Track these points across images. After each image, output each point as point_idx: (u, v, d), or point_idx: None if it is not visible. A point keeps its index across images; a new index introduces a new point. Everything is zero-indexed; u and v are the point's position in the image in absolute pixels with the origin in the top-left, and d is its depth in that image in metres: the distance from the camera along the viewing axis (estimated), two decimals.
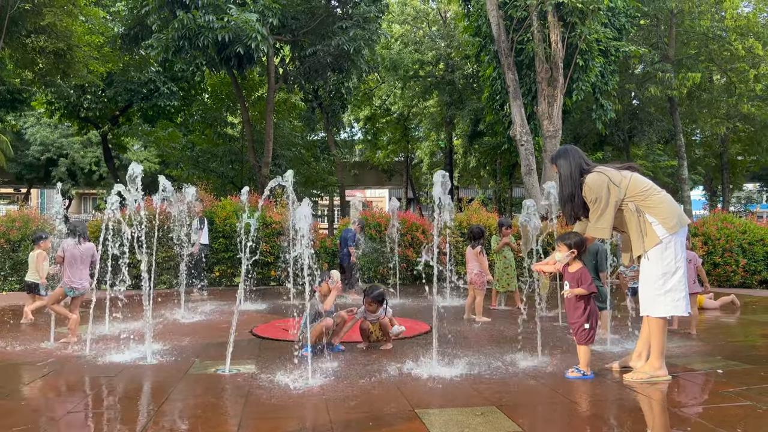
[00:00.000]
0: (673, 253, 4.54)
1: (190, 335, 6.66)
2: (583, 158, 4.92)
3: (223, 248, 11.93)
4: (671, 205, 4.63)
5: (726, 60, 23.69)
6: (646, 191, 4.66)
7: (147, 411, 3.95)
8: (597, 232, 4.72)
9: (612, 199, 4.64)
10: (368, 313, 5.92)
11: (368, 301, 5.89)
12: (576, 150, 4.98)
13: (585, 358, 4.76)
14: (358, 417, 3.74)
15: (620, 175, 4.74)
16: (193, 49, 15.59)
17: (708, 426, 3.47)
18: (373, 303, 5.87)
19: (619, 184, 4.68)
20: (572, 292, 4.78)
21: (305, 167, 26.11)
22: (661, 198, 4.64)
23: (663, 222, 4.54)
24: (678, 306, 4.55)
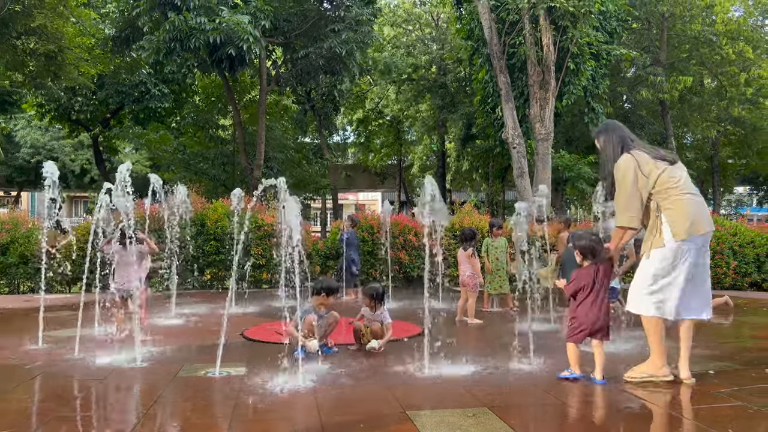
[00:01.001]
0: (672, 259, 4.33)
1: (180, 338, 6.61)
2: (627, 134, 4.65)
3: (215, 251, 11.87)
4: (687, 210, 4.35)
5: (717, 64, 23.87)
6: (670, 190, 4.40)
7: (136, 413, 3.91)
8: (622, 221, 4.48)
9: (636, 188, 4.40)
10: (368, 311, 5.90)
11: (368, 300, 5.90)
12: (617, 126, 4.73)
13: (571, 355, 4.67)
14: (349, 419, 3.71)
15: (653, 165, 4.45)
16: (185, 50, 15.55)
17: (700, 426, 3.47)
18: (372, 300, 5.86)
19: (648, 175, 4.41)
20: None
21: (297, 170, 26.06)
22: (679, 200, 4.37)
23: (672, 226, 4.33)
24: (660, 308, 4.40)
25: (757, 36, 24.73)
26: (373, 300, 5.88)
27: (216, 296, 10.78)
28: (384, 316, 5.92)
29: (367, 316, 5.93)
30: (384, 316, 5.92)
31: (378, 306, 5.90)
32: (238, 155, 22.47)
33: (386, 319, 5.91)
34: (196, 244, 11.61)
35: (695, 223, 4.33)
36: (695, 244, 4.35)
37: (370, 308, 5.91)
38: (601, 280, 4.61)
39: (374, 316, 5.90)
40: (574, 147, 25.88)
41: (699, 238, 4.36)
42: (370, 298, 5.90)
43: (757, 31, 25.17)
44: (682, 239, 4.31)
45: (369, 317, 5.92)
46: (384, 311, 5.95)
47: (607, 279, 4.66)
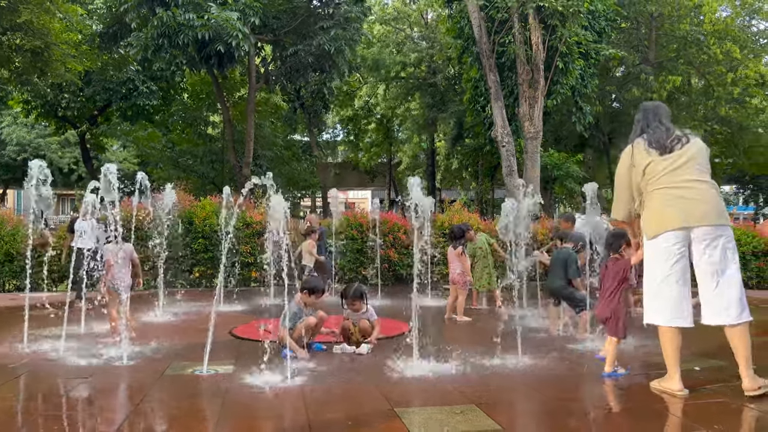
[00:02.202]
0: (652, 260, 4.09)
1: (167, 336, 6.56)
2: (652, 119, 4.29)
3: (203, 249, 11.81)
4: (655, 205, 4.07)
5: (704, 63, 24.04)
6: (649, 184, 4.09)
7: (122, 412, 3.87)
8: (611, 212, 4.40)
9: (626, 178, 4.20)
10: (352, 312, 5.87)
11: (350, 302, 5.83)
12: (648, 109, 4.39)
13: (613, 354, 4.70)
14: (337, 417, 3.70)
15: (645, 154, 4.13)
16: (173, 47, 15.45)
17: (685, 422, 3.50)
18: (355, 301, 5.81)
19: (637, 164, 4.14)
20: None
21: (286, 168, 25.99)
22: (651, 195, 4.10)
23: (643, 225, 4.14)
24: (660, 313, 4.07)
25: (744, 36, 24.93)
26: (355, 301, 5.81)
27: (204, 294, 10.72)
28: (370, 313, 5.90)
29: (352, 318, 5.88)
30: (370, 313, 5.90)
31: (361, 306, 5.85)
32: (227, 153, 22.36)
33: (372, 316, 5.88)
34: (184, 242, 11.55)
35: (665, 218, 3.99)
36: (673, 242, 3.97)
37: (354, 310, 5.85)
38: (610, 275, 4.74)
39: (360, 316, 5.86)
40: (563, 146, 26.01)
41: (673, 234, 3.96)
42: (352, 299, 5.82)
43: (744, 31, 25.37)
44: (652, 237, 4.06)
45: (355, 319, 5.88)
46: (369, 309, 5.92)
47: (619, 275, 4.72)
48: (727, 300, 3.91)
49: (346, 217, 12.97)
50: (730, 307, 3.90)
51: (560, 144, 25.98)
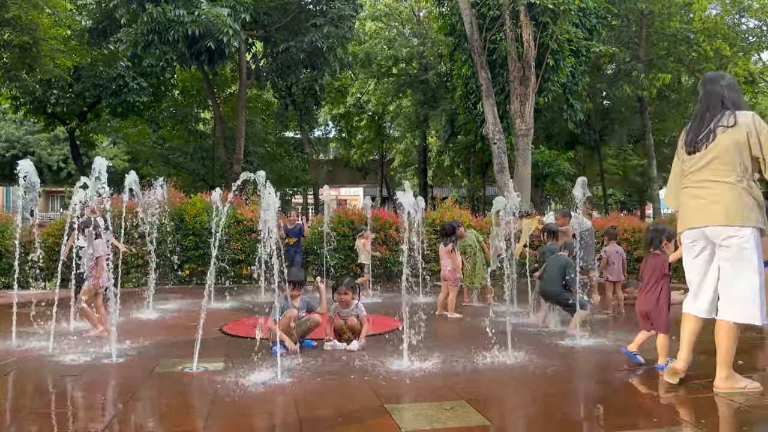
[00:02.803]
0: (684, 253, 4.27)
1: (157, 333, 6.54)
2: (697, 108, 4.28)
3: (193, 246, 11.76)
4: (682, 203, 4.21)
5: (694, 61, 24.17)
6: (684, 179, 4.20)
7: (111, 409, 3.86)
8: (665, 200, 4.53)
9: (677, 169, 4.31)
10: (342, 307, 5.84)
11: (342, 291, 5.79)
12: (701, 93, 4.29)
13: (666, 347, 4.79)
14: (327, 413, 3.70)
15: (681, 150, 4.24)
16: (163, 43, 15.36)
17: (672, 416, 3.52)
18: (347, 291, 5.77)
19: (680, 158, 4.28)
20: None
21: (278, 165, 25.92)
22: (682, 192, 4.23)
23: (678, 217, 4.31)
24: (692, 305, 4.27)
25: (733, 34, 25.07)
26: (347, 291, 5.78)
27: (195, 292, 10.69)
28: (359, 309, 5.88)
29: (341, 314, 5.87)
30: (359, 309, 5.88)
31: (352, 298, 5.82)
32: (218, 149, 22.29)
33: (362, 313, 5.86)
34: (175, 239, 11.51)
35: (685, 217, 4.19)
36: (692, 239, 4.17)
37: (344, 301, 5.83)
38: (648, 270, 4.90)
39: (349, 312, 5.84)
40: (554, 143, 26.09)
41: (691, 232, 4.15)
42: (344, 289, 5.79)
43: (733, 29, 25.52)
44: (679, 233, 4.28)
45: (344, 314, 5.86)
46: (358, 305, 5.90)
47: (658, 270, 4.86)
48: (729, 297, 4.01)
49: (338, 214, 12.96)
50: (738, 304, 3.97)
51: (551, 141, 26.06)
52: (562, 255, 6.64)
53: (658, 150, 29.95)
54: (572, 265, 6.46)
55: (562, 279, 6.41)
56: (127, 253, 9.14)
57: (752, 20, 27.67)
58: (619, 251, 8.33)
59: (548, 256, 6.90)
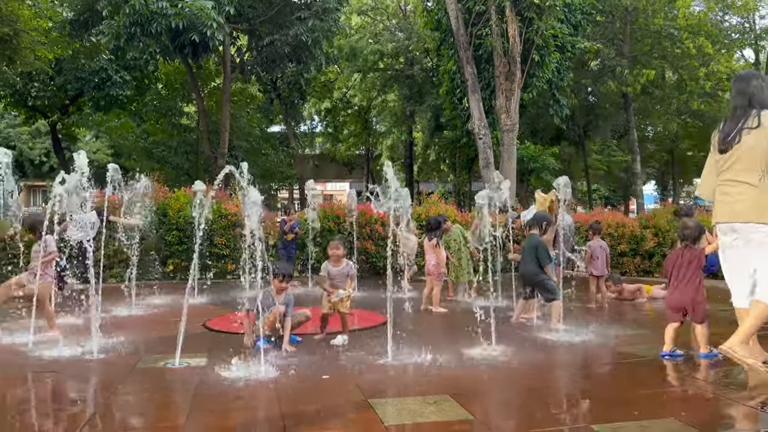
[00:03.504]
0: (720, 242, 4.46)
1: (139, 329, 6.48)
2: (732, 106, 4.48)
3: (177, 241, 11.66)
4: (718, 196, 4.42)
5: (678, 58, 24.39)
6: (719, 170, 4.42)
7: (92, 405, 3.81)
8: (697, 190, 4.78)
9: (711, 162, 4.50)
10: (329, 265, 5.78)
11: (334, 245, 5.77)
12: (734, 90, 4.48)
13: (707, 336, 4.88)
14: (310, 408, 3.68)
15: (713, 144, 4.48)
16: (146, 36, 15.19)
17: (654, 409, 3.55)
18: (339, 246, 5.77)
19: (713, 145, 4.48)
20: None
21: (263, 159, 25.76)
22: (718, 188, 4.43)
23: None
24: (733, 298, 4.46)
25: (716, 31, 25.32)
26: (339, 246, 5.78)
27: (178, 287, 10.58)
28: (349, 267, 5.84)
29: (331, 272, 5.77)
30: (349, 267, 5.84)
31: (343, 254, 5.81)
32: (202, 143, 22.10)
33: (352, 271, 5.86)
34: (158, 234, 11.40)
35: (716, 211, 4.46)
36: (723, 232, 4.40)
37: (335, 256, 5.77)
38: (681, 264, 4.94)
39: (339, 271, 5.76)
40: (539, 138, 26.21)
41: (722, 226, 4.40)
42: (337, 243, 5.79)
43: (716, 26, 25.76)
44: (715, 222, 4.47)
45: (334, 273, 5.76)
46: (348, 263, 5.87)
47: (694, 263, 4.91)
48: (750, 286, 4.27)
49: (324, 209, 12.90)
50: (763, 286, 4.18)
51: (536, 136, 26.18)
52: (533, 235, 6.68)
53: (642, 146, 30.22)
54: (543, 244, 6.54)
55: (536, 259, 6.46)
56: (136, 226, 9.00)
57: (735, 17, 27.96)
58: (603, 246, 8.38)
59: None
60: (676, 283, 5.00)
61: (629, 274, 13.22)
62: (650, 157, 35.05)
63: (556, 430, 3.28)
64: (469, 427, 3.35)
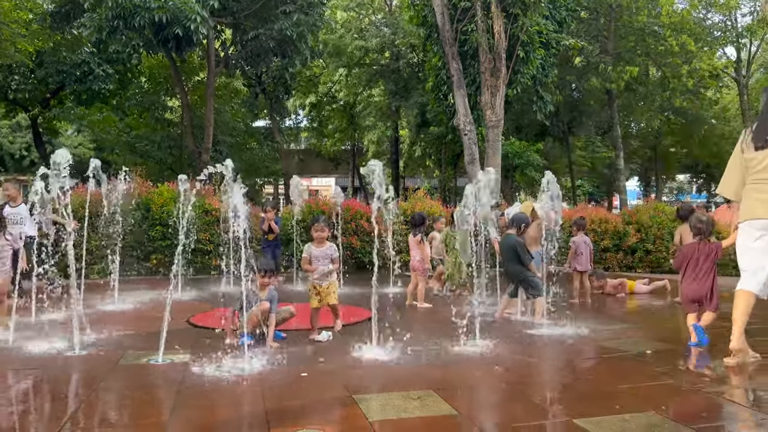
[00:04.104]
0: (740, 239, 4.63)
1: (122, 325, 6.43)
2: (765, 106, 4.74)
3: (160, 236, 11.57)
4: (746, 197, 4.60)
5: (661, 55, 24.60)
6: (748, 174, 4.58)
7: (73, 402, 3.77)
8: (719, 188, 4.98)
9: (736, 161, 4.63)
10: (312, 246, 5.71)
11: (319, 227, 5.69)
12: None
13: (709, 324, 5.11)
14: (294, 404, 3.68)
15: (746, 146, 4.58)
16: (129, 29, 15.01)
17: (634, 403, 3.59)
18: (324, 229, 5.72)
19: (744, 153, 4.57)
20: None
21: (248, 154, 25.61)
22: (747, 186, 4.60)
23: (741, 207, 4.65)
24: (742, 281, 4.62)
25: (699, 29, 25.57)
26: (325, 228, 5.73)
27: (162, 283, 10.51)
28: (332, 249, 5.77)
29: (314, 253, 5.70)
30: (332, 249, 5.77)
31: (327, 235, 5.76)
32: (186, 138, 21.91)
33: (335, 253, 5.77)
34: (141, 229, 11.31)
35: (749, 208, 4.58)
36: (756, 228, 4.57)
37: (319, 238, 5.71)
38: (698, 258, 5.14)
39: (323, 251, 5.69)
40: (524, 134, 26.32)
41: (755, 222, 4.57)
42: (322, 225, 5.73)
43: (698, 24, 26.02)
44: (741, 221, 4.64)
45: (317, 254, 5.68)
46: (331, 245, 5.80)
47: (711, 256, 5.10)
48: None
49: (309, 204, 12.87)
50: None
51: (521, 133, 26.29)
52: (510, 235, 6.73)
53: (626, 142, 30.47)
54: (522, 243, 6.62)
55: (517, 258, 6.51)
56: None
57: (717, 15, 28.24)
58: (586, 241, 8.45)
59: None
60: (693, 275, 5.19)
61: (612, 269, 13.35)
62: (633, 154, 35.37)
63: (539, 425, 3.31)
64: (453, 422, 3.37)
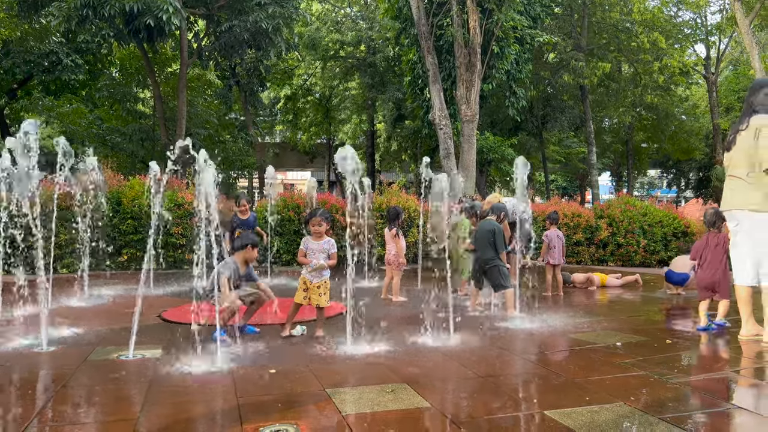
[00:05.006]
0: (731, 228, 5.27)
1: (92, 321, 6.32)
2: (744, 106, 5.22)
3: (132, 230, 11.40)
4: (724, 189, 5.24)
5: (633, 51, 24.97)
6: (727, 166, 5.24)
7: (41, 399, 3.70)
8: None
9: None
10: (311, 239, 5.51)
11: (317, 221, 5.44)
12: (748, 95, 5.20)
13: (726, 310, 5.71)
14: (268, 399, 3.66)
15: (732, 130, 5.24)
16: (99, 19, 14.71)
17: (604, 395, 3.65)
18: (322, 222, 5.44)
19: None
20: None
21: (221, 146, 25.34)
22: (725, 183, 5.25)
23: None
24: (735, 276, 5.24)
25: (670, 26, 26.00)
26: (322, 222, 5.44)
27: (133, 277, 10.37)
28: (332, 243, 5.54)
29: (310, 246, 5.49)
30: (332, 243, 5.54)
31: (325, 229, 5.48)
32: (158, 130, 21.60)
33: (333, 248, 5.53)
34: (112, 223, 11.12)
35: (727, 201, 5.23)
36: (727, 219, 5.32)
37: (317, 233, 5.47)
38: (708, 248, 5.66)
39: (319, 246, 5.48)
40: (498, 129, 26.51)
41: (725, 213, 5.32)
42: (319, 219, 5.45)
43: (669, 22, 26.45)
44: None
45: (313, 248, 5.48)
46: (330, 240, 5.57)
47: (720, 246, 5.61)
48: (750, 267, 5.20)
49: (284, 197, 12.80)
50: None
51: (496, 127, 26.47)
52: (489, 220, 6.78)
53: (598, 137, 30.88)
54: (500, 229, 6.68)
55: (491, 244, 6.55)
56: None
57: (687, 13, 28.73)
58: (559, 235, 8.55)
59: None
60: (705, 265, 5.66)
61: (584, 262, 13.54)
62: (606, 149, 35.87)
63: (510, 416, 3.34)
64: (427, 414, 3.38)
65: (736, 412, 3.40)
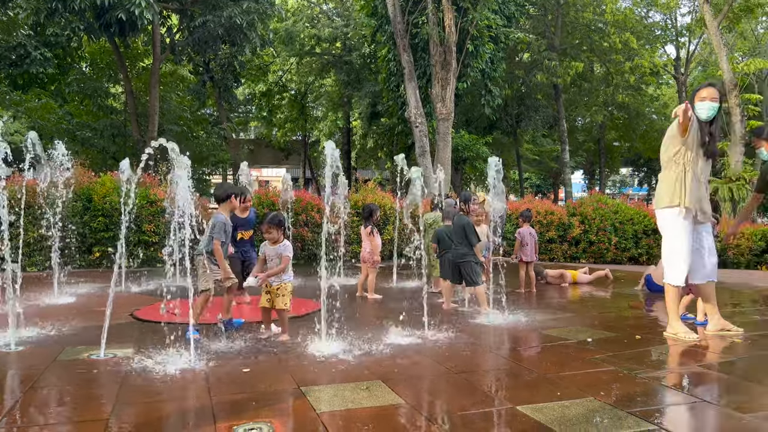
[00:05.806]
0: None
1: (62, 319, 6.21)
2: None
3: (103, 228, 11.22)
4: None
5: (605, 51, 25.35)
6: None
7: (9, 400, 3.63)
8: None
9: None
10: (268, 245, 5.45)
11: (266, 228, 5.39)
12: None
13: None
14: (241, 398, 3.64)
15: None
16: (68, 12, 14.44)
17: (575, 390, 3.71)
18: (271, 228, 5.38)
19: None
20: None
21: (194, 143, 25.05)
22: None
23: None
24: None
25: (641, 27, 26.45)
26: (271, 228, 5.38)
27: (105, 275, 10.21)
28: (285, 247, 5.46)
29: (268, 253, 5.45)
30: (285, 247, 5.46)
31: (278, 235, 5.43)
32: (130, 126, 21.27)
33: (285, 252, 5.42)
34: (83, 220, 10.94)
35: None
36: None
37: (271, 239, 5.43)
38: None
39: (274, 250, 5.43)
40: (473, 128, 26.70)
41: None
42: (268, 225, 5.38)
43: (640, 23, 26.90)
44: None
45: (268, 253, 5.45)
46: (285, 243, 5.49)
47: None
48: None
49: (258, 195, 12.71)
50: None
51: (471, 126, 26.65)
52: (461, 216, 6.86)
53: (571, 136, 31.27)
54: (472, 224, 6.76)
55: (465, 239, 6.64)
56: None
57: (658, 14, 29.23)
58: (532, 233, 8.65)
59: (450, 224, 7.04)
60: None
61: (557, 260, 13.72)
62: (579, 147, 36.36)
63: (483, 412, 3.38)
64: (401, 410, 3.40)
65: (702, 405, 3.49)
